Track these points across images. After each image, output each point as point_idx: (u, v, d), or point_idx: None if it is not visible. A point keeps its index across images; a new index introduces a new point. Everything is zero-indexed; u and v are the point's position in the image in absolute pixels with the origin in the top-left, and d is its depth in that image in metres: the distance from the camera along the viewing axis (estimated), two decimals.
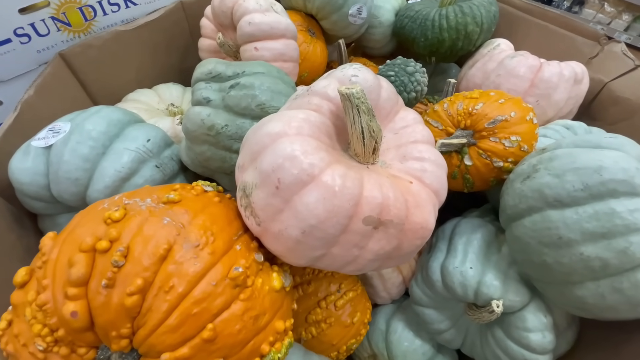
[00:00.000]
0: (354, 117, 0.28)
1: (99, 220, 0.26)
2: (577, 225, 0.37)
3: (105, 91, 0.66)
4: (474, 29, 0.72)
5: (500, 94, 0.53)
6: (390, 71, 0.59)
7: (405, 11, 0.80)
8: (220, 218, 0.29)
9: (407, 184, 0.30)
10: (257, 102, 0.40)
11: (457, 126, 0.53)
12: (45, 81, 0.53)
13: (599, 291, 0.37)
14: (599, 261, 0.36)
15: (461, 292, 0.49)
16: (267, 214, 0.27)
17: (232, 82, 0.41)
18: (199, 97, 0.41)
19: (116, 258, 0.23)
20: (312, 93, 0.31)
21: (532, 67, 0.66)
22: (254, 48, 0.58)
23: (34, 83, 0.52)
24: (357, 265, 0.30)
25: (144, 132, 0.45)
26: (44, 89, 0.53)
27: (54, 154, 0.41)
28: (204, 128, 0.40)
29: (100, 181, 0.41)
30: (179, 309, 0.23)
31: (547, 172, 0.40)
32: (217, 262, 0.26)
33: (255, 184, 0.28)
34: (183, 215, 0.27)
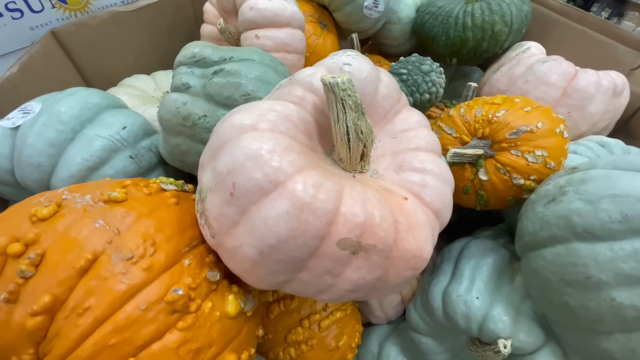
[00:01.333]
0: (338, 113, 0.23)
1: (24, 217, 0.22)
2: (610, 265, 0.30)
3: (100, 75, 0.63)
4: (501, 29, 0.65)
5: (527, 101, 0.46)
6: (403, 69, 0.53)
7: (427, 7, 0.74)
8: (169, 225, 0.24)
9: (401, 200, 0.24)
10: (241, 91, 0.35)
11: (473, 134, 0.47)
12: (32, 59, 0.50)
13: (630, 345, 0.30)
14: (633, 310, 0.29)
15: (464, 324, 0.43)
16: (220, 225, 0.22)
17: (217, 67, 0.37)
18: (178, 83, 0.36)
19: (23, 267, 0.19)
20: (295, 82, 0.26)
21: (565, 74, 0.59)
22: (254, 36, 0.54)
23: (19, 60, 0.49)
24: (332, 295, 0.24)
25: (121, 119, 0.41)
26: (30, 67, 0.50)
27: (19, 137, 0.37)
28: (178, 117, 0.35)
29: (65, 169, 0.37)
30: (94, 337, 0.19)
31: (578, 197, 0.34)
32: (153, 280, 0.21)
33: (210, 188, 0.23)
34: (123, 218, 0.23)
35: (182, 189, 0.31)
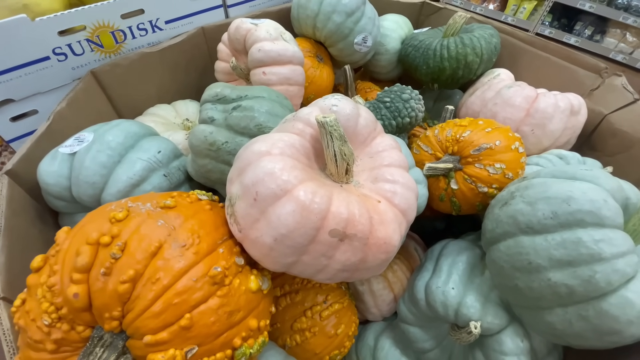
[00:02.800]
0: (328, 142, 0.32)
1: (105, 219, 0.31)
2: (545, 252, 0.39)
3: (129, 105, 0.73)
4: (473, 59, 0.76)
5: (489, 122, 0.56)
6: (387, 97, 0.63)
7: (410, 40, 0.85)
8: (207, 223, 0.33)
9: (375, 202, 0.33)
10: (255, 122, 0.45)
11: (445, 151, 0.56)
12: (76, 95, 0.61)
13: (567, 317, 0.38)
14: (565, 288, 0.37)
15: (442, 311, 0.51)
16: (246, 222, 0.31)
17: (235, 104, 0.46)
18: (205, 117, 0.46)
19: (114, 251, 0.27)
20: (297, 119, 0.36)
21: (528, 97, 0.68)
22: (262, 72, 0.64)
23: (67, 96, 0.59)
24: (327, 274, 0.33)
25: (156, 144, 0.50)
26: (75, 102, 0.60)
27: (77, 160, 0.47)
28: (206, 144, 0.45)
29: (114, 186, 0.46)
30: (162, 299, 0.27)
31: (522, 200, 0.42)
32: (200, 261, 0.30)
33: (239, 195, 0.32)
34: (176, 219, 0.32)
35: (212, 199, 0.40)
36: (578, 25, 2.56)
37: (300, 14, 0.77)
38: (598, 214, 0.37)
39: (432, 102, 0.97)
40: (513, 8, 2.67)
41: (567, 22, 2.63)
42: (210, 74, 0.84)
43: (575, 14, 2.56)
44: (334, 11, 0.73)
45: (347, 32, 0.76)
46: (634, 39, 2.34)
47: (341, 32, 0.75)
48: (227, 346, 0.30)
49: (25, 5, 0.57)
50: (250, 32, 0.64)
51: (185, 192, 0.37)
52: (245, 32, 0.65)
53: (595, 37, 2.47)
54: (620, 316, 0.35)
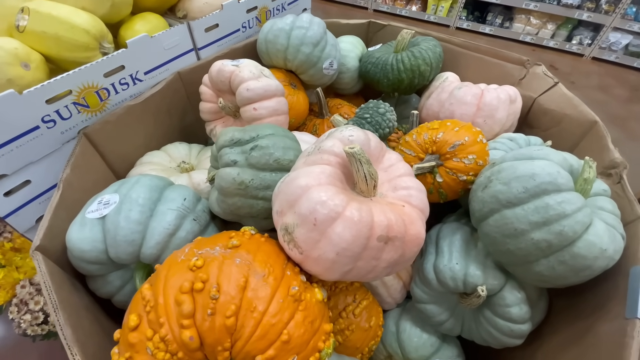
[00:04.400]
0: (358, 167, 0.40)
1: (186, 269, 0.35)
2: (525, 219, 0.50)
3: (120, 158, 0.74)
4: (425, 69, 0.88)
5: (455, 122, 0.67)
6: (366, 114, 0.72)
7: (367, 58, 0.96)
8: (271, 253, 0.39)
9: (401, 207, 0.42)
10: (273, 158, 0.51)
11: (426, 152, 0.67)
12: (77, 159, 0.61)
13: (550, 265, 0.50)
14: (545, 242, 0.49)
15: (452, 285, 0.61)
16: (308, 245, 0.38)
17: (252, 144, 0.52)
18: (227, 160, 0.51)
19: (213, 293, 0.32)
20: (322, 151, 0.43)
21: (475, 94, 0.82)
22: (252, 108, 0.70)
23: (69, 162, 0.60)
24: (375, 273, 0.40)
25: (180, 193, 0.54)
26: (77, 166, 0.61)
27: (109, 222, 0.49)
28: (235, 184, 0.50)
29: (152, 239, 0.49)
30: (263, 323, 0.32)
31: (498, 182, 0.53)
32: (279, 286, 0.35)
33: (297, 224, 0.38)
34: (247, 255, 0.37)
35: (257, 232, 0.45)
36: (489, 16, 2.93)
37: (269, 48, 0.84)
38: (555, 182, 0.49)
39: (393, 107, 1.09)
40: (433, 7, 2.98)
41: (480, 15, 2.99)
42: (190, 114, 0.88)
43: (485, 6, 2.93)
44: (302, 44, 0.81)
45: (316, 60, 0.84)
46: (538, 21, 2.73)
47: (310, 60, 0.84)
48: (315, 350, 0.36)
49: (10, 80, 0.57)
50: (235, 74, 0.70)
51: (240, 231, 0.43)
52: (229, 74, 0.71)
53: (505, 24, 2.84)
54: (588, 255, 0.47)
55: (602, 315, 0.52)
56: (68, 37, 0.61)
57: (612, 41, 2.55)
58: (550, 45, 2.76)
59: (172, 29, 0.76)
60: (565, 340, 0.56)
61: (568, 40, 2.72)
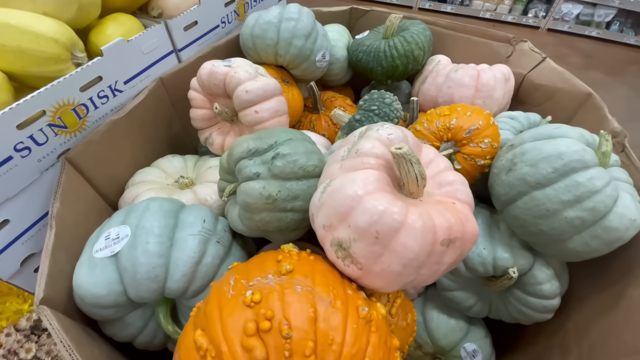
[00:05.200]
0: (409, 168, 0.37)
1: (242, 306, 0.31)
2: (556, 199, 0.50)
3: (108, 180, 0.66)
4: (419, 53, 0.87)
5: (465, 107, 0.66)
6: (372, 106, 0.69)
7: (357, 47, 0.92)
8: (327, 273, 0.35)
9: (452, 205, 0.40)
10: (298, 165, 0.47)
11: (440, 140, 0.65)
12: (64, 190, 0.54)
13: (584, 241, 0.51)
14: (578, 220, 0.49)
15: (482, 270, 0.61)
16: (369, 260, 0.35)
17: (272, 153, 0.48)
18: (249, 174, 0.46)
19: (286, 331, 0.29)
20: (362, 154, 0.39)
21: (472, 76, 0.82)
22: (254, 112, 0.65)
23: (57, 194, 0.52)
24: (435, 277, 0.38)
25: (197, 215, 0.49)
26: (66, 198, 0.53)
27: (125, 260, 0.43)
28: (262, 199, 0.45)
29: (177, 271, 0.44)
30: (344, 355, 0.29)
31: (524, 164, 0.53)
32: (348, 309, 0.32)
33: (353, 239, 0.35)
34: (305, 280, 0.33)
35: (298, 249, 0.41)
36: None
37: (257, 44, 0.78)
38: (582, 159, 0.50)
39: None
40: None
41: None
42: (176, 122, 0.81)
43: None
44: (293, 36, 0.76)
45: (309, 53, 0.80)
46: None
47: (303, 54, 0.79)
48: None
49: None
50: (229, 76, 0.64)
51: (283, 251, 0.39)
52: (223, 76, 0.65)
53: (465, 2, 2.90)
54: (620, 227, 0.48)
55: (631, 280, 0.54)
56: (33, 49, 0.52)
57: (564, 12, 2.68)
58: (508, 20, 2.86)
59: (150, 30, 0.68)
60: (596, 308, 0.58)
61: (524, 14, 2.83)
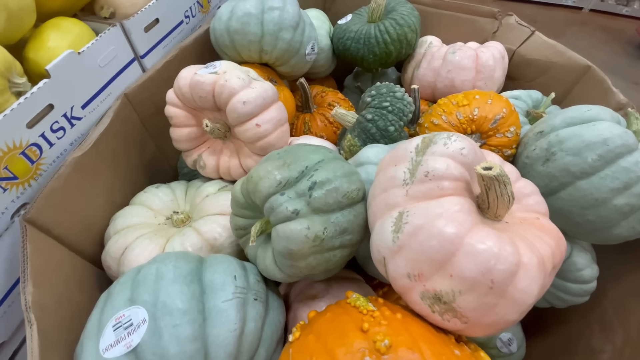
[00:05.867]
0: (502, 191, 0.31)
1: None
2: (605, 187, 0.48)
3: (82, 234, 0.53)
4: (412, 36, 0.80)
5: (483, 94, 0.62)
6: (384, 102, 0.62)
7: (343, 33, 0.83)
8: (428, 336, 0.29)
9: (538, 221, 0.35)
10: (341, 193, 0.39)
11: (464, 133, 0.61)
12: (34, 265, 0.41)
13: (630, 225, 0.49)
14: (627, 206, 0.47)
15: None
16: (479, 312, 0.29)
17: (307, 182, 0.39)
18: (287, 213, 0.38)
19: None
20: (437, 177, 0.33)
21: (471, 57, 0.77)
22: (255, 125, 0.54)
23: (26, 275, 0.39)
24: None
25: (225, 272, 0.39)
26: (38, 274, 0.41)
27: (150, 354, 0.33)
28: (309, 242, 0.37)
29: (220, 352, 0.35)
30: None
31: (566, 153, 0.50)
32: None
33: (459, 291, 0.28)
34: (413, 356, 0.26)
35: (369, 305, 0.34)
36: None
37: (237, 41, 0.66)
38: (627, 144, 0.47)
39: (370, 82, 1.00)
40: None
41: None
42: (149, 144, 0.68)
43: None
44: (280, 29, 0.65)
45: (298, 46, 0.70)
46: None
47: (293, 48, 0.69)
48: None
49: None
50: (220, 85, 0.53)
51: (362, 313, 0.31)
52: (211, 86, 0.53)
53: None
54: None
55: None
56: None
57: None
58: None
59: (104, 36, 0.53)
60: (634, 286, 0.58)
61: None
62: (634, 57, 2.17)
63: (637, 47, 2.21)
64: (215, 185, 0.60)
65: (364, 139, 0.63)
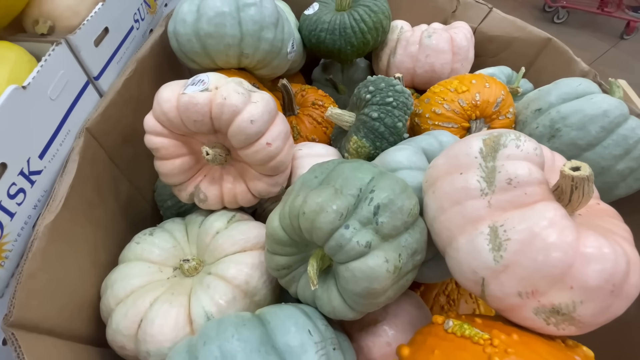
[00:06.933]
0: (588, 189, 0.30)
1: None
2: (609, 155, 0.52)
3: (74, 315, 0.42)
4: (387, 22, 0.78)
5: (480, 77, 0.62)
6: (388, 97, 0.59)
7: (315, 25, 0.77)
8: (550, 349, 0.28)
9: (598, 207, 0.36)
10: (406, 212, 0.36)
11: (469, 119, 0.61)
12: None
13: (628, 185, 0.55)
14: (628, 169, 0.52)
15: None
16: (596, 316, 0.28)
17: (368, 207, 0.35)
18: (359, 249, 0.33)
19: None
20: (522, 184, 0.31)
21: (447, 39, 0.78)
22: (265, 144, 0.48)
23: None
24: None
25: (298, 330, 0.33)
26: None
27: None
28: (391, 277, 0.33)
29: None
30: None
31: (571, 129, 0.53)
32: None
33: (580, 301, 0.28)
34: None
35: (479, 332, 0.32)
36: None
37: (210, 46, 0.57)
38: (623, 113, 0.51)
39: (340, 74, 0.96)
40: None
41: None
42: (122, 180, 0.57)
43: None
44: (262, 27, 0.57)
45: (280, 45, 0.62)
46: None
47: (275, 47, 0.61)
48: None
49: None
50: (218, 104, 0.45)
51: (477, 342, 0.29)
52: (207, 106, 0.45)
53: None
54: None
55: None
56: None
57: None
58: None
59: (49, 60, 0.41)
60: None
61: None
62: (541, 20, 2.45)
63: (542, 9, 2.49)
64: (223, 218, 0.52)
65: (372, 139, 0.59)
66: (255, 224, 0.53)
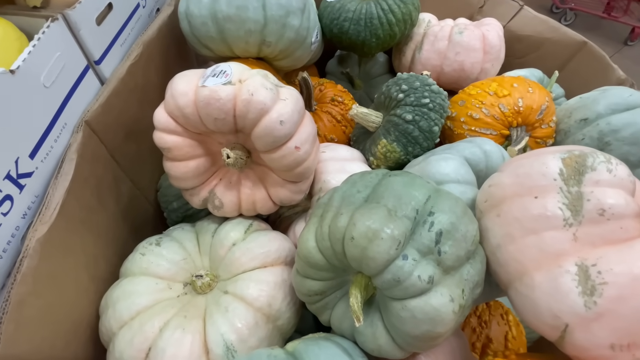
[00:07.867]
0: None
1: None
2: None
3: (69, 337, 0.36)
4: (416, 15, 0.72)
5: (522, 81, 0.57)
6: (423, 98, 0.53)
7: (338, 13, 0.70)
8: None
9: None
10: (470, 239, 0.31)
11: (508, 126, 0.56)
12: None
13: None
14: None
15: None
16: None
17: (429, 234, 0.30)
18: (419, 285, 0.28)
19: None
20: (618, 217, 0.26)
21: (479, 37, 0.72)
22: (294, 148, 0.42)
23: None
24: None
25: None
26: None
27: None
28: (455, 318, 0.29)
29: None
30: None
31: (622, 143, 0.49)
32: None
33: None
34: None
35: None
36: None
37: (229, 31, 0.50)
38: None
39: (357, 67, 0.90)
40: None
41: None
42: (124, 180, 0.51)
43: None
44: (288, 13, 0.51)
45: (305, 34, 0.56)
46: None
47: (300, 36, 0.55)
48: None
49: None
50: (244, 100, 0.39)
51: None
52: (231, 102, 0.39)
53: None
54: None
55: None
56: None
57: None
58: None
59: (43, 39, 0.34)
60: None
61: None
62: None
63: (549, 10, 2.45)
64: (239, 227, 0.47)
65: (404, 144, 0.54)
66: (275, 235, 0.47)
